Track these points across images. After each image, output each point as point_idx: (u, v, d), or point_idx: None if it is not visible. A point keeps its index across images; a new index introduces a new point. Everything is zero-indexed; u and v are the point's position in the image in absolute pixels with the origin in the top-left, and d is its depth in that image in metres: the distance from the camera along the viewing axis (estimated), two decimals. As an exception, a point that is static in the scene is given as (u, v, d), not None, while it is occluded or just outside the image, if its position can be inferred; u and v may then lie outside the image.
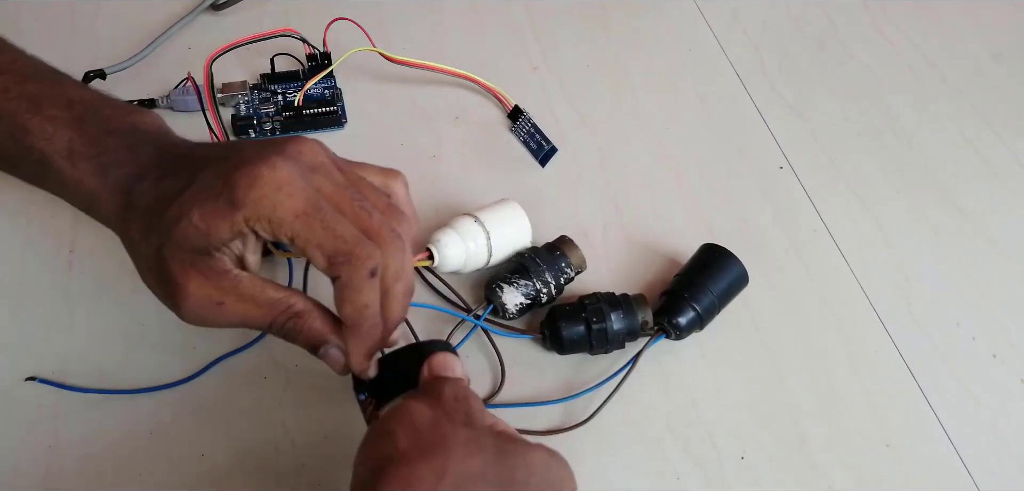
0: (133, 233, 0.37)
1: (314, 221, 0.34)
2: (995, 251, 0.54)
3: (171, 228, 0.35)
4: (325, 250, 0.34)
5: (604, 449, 0.43)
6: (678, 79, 0.62)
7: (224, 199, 0.34)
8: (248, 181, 0.34)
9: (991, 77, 0.65)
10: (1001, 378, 0.48)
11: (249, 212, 0.34)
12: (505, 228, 0.47)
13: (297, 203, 0.34)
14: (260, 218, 0.34)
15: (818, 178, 0.57)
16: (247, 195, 0.34)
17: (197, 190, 0.35)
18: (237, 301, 0.36)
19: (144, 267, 0.37)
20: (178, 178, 0.36)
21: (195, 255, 0.35)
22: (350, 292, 0.35)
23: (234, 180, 0.34)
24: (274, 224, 0.34)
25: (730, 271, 0.47)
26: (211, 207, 0.34)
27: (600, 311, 0.44)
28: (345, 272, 0.34)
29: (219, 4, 0.60)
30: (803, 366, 0.47)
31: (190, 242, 0.35)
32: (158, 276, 0.36)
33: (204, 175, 0.35)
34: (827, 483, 0.43)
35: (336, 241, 0.34)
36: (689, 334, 0.46)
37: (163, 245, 0.35)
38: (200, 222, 0.34)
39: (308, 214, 0.34)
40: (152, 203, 0.36)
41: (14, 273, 0.46)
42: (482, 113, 0.58)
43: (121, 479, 0.40)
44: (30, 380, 0.42)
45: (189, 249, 0.35)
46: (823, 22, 0.68)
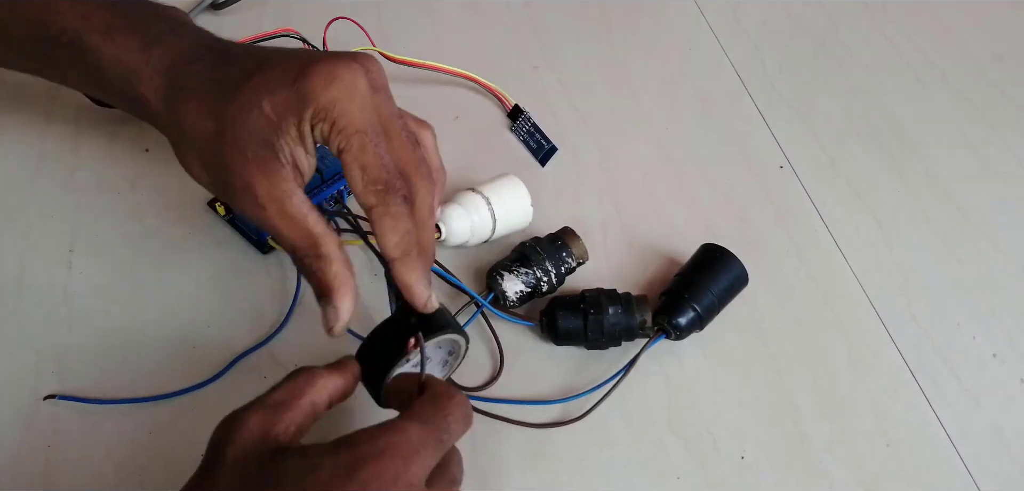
0: (183, 115, 0.36)
1: (368, 142, 0.34)
2: (995, 251, 0.54)
3: (237, 115, 0.34)
4: (368, 174, 0.35)
5: (604, 448, 0.43)
6: (678, 79, 0.62)
7: (297, 91, 0.34)
8: (326, 79, 0.34)
9: (991, 77, 0.65)
10: (1001, 378, 0.48)
11: (318, 109, 0.34)
12: (507, 198, 0.48)
13: (362, 118, 0.34)
14: (326, 119, 0.34)
15: (818, 178, 0.57)
16: (323, 92, 0.34)
17: (268, 78, 0.34)
18: (278, 214, 0.35)
19: (192, 150, 0.36)
20: (239, 66, 0.35)
21: (256, 147, 0.34)
22: (391, 221, 0.35)
23: (310, 73, 0.34)
24: (335, 130, 0.34)
25: (730, 271, 0.47)
26: (283, 97, 0.34)
27: (599, 304, 0.44)
28: (383, 200, 0.35)
29: (219, 4, 0.60)
30: (803, 366, 0.47)
31: (256, 132, 0.34)
32: (211, 161, 0.35)
33: (273, 66, 0.35)
34: (827, 483, 0.43)
35: (379, 169, 0.35)
36: (689, 334, 0.46)
37: (224, 131, 0.34)
38: (271, 112, 0.34)
39: (365, 133, 0.34)
40: (210, 85, 0.35)
41: (14, 273, 0.46)
42: (482, 112, 0.58)
43: (121, 480, 0.40)
44: (49, 398, 0.41)
45: (252, 139, 0.34)
46: (823, 22, 0.68)
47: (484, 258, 0.49)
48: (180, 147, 0.37)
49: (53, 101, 0.54)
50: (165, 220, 0.49)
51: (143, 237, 0.48)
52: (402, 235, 0.35)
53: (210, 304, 0.46)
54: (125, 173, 0.51)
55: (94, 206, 0.49)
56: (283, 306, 0.46)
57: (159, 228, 0.49)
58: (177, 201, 0.50)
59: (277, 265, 0.48)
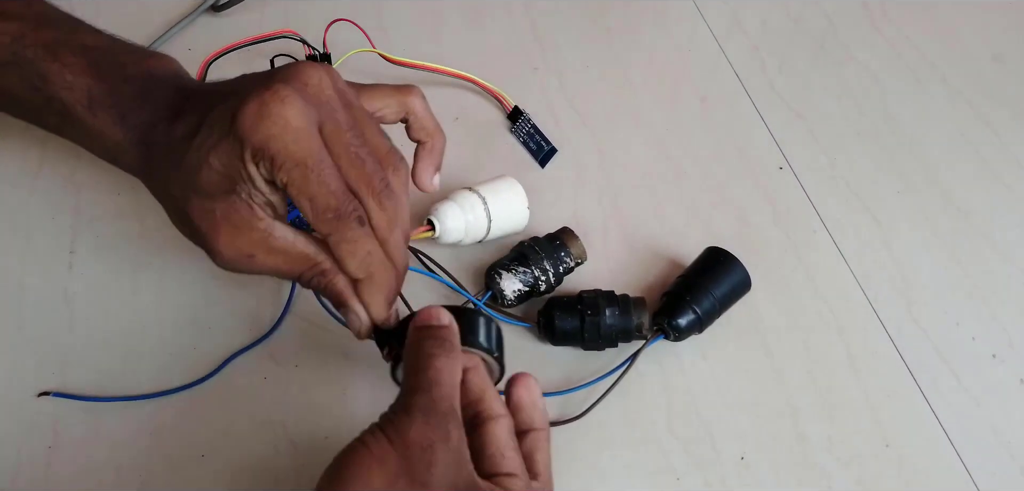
0: (156, 182, 0.37)
1: (310, 173, 0.33)
2: (995, 251, 0.54)
3: (192, 176, 0.34)
4: (316, 204, 0.34)
5: (604, 449, 0.43)
6: (678, 79, 0.62)
7: (233, 136, 0.33)
8: (255, 117, 0.33)
9: (991, 77, 0.65)
10: (1001, 378, 0.48)
11: (254, 150, 0.33)
12: (502, 198, 0.48)
13: (299, 149, 0.33)
14: (264, 158, 0.33)
15: (817, 178, 0.57)
16: (253, 132, 0.33)
17: (210, 130, 0.34)
18: (267, 254, 0.35)
19: (173, 214, 0.37)
20: (189, 118, 0.36)
21: (222, 199, 0.34)
22: (347, 245, 0.35)
23: (241, 114, 0.33)
24: (275, 167, 0.33)
25: (732, 275, 0.46)
26: (225, 147, 0.34)
27: (596, 305, 0.44)
28: (336, 229, 0.34)
29: (219, 5, 0.60)
30: (803, 366, 0.47)
31: (213, 187, 0.34)
32: (188, 226, 0.36)
33: (214, 113, 0.35)
34: (827, 483, 0.43)
35: (326, 197, 0.34)
36: (688, 336, 0.46)
37: (188, 194, 0.35)
38: (219, 166, 0.34)
39: (305, 165, 0.33)
40: (168, 149, 0.36)
41: (14, 274, 0.46)
42: (482, 114, 0.58)
43: (121, 480, 0.40)
44: (44, 395, 0.42)
45: (213, 197, 0.34)
46: (822, 22, 0.68)
47: (483, 258, 0.49)
48: (166, 210, 0.38)
49: (53, 102, 0.54)
50: (165, 220, 0.49)
51: (143, 237, 0.48)
52: (362, 258, 0.35)
53: (210, 304, 0.46)
54: (125, 174, 0.51)
55: (94, 206, 0.49)
56: (278, 303, 0.46)
57: (159, 228, 0.49)
58: (177, 202, 0.50)
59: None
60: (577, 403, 0.44)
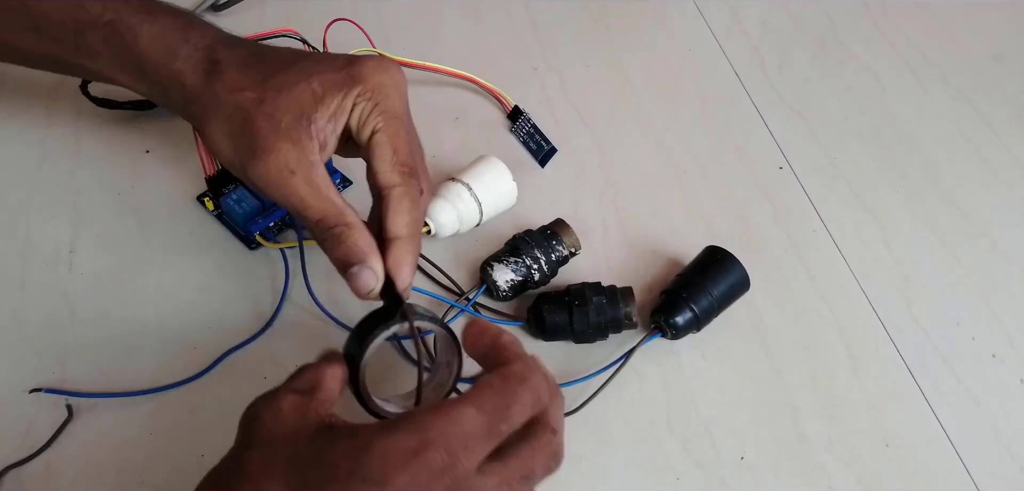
0: (221, 86, 0.38)
1: (401, 128, 0.38)
2: (995, 251, 0.54)
3: (282, 87, 0.37)
4: (398, 156, 0.38)
5: (604, 448, 0.43)
6: (678, 79, 0.62)
7: (346, 73, 0.37)
8: (376, 66, 0.38)
9: (991, 77, 0.65)
10: (1001, 378, 0.48)
11: (366, 89, 0.37)
12: (487, 180, 0.49)
13: (400, 107, 0.38)
14: (371, 99, 0.37)
15: (818, 178, 0.57)
16: (373, 75, 0.37)
17: (317, 62, 0.38)
18: (305, 182, 0.37)
19: (221, 119, 0.37)
20: (280, 54, 0.39)
21: (290, 118, 0.36)
22: (409, 203, 0.37)
23: (362, 60, 0.38)
24: (377, 110, 0.37)
25: (731, 275, 0.46)
26: (332, 77, 0.37)
27: (582, 295, 0.45)
28: (406, 182, 0.37)
29: (219, 4, 0.60)
30: (802, 366, 0.47)
31: (296, 104, 0.36)
32: (241, 127, 0.37)
33: (319, 56, 0.39)
34: (827, 483, 0.43)
35: (410, 155, 0.38)
36: (686, 334, 0.46)
37: (264, 99, 0.37)
38: (318, 86, 0.37)
39: (400, 120, 0.38)
40: (253, 63, 0.38)
41: (14, 273, 0.46)
42: (482, 114, 0.58)
43: (122, 481, 0.40)
44: (35, 391, 0.42)
45: (289, 111, 0.36)
46: (823, 22, 0.68)
47: (478, 253, 0.49)
48: (209, 117, 0.38)
49: (54, 101, 0.54)
50: (165, 220, 0.49)
51: (143, 237, 0.48)
52: (413, 218, 0.38)
53: (210, 303, 0.46)
54: (125, 173, 0.51)
55: (94, 206, 0.49)
56: (272, 300, 0.46)
57: (159, 228, 0.49)
58: (177, 201, 0.50)
59: (267, 261, 0.48)
60: (573, 397, 0.44)
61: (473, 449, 0.30)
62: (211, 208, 0.49)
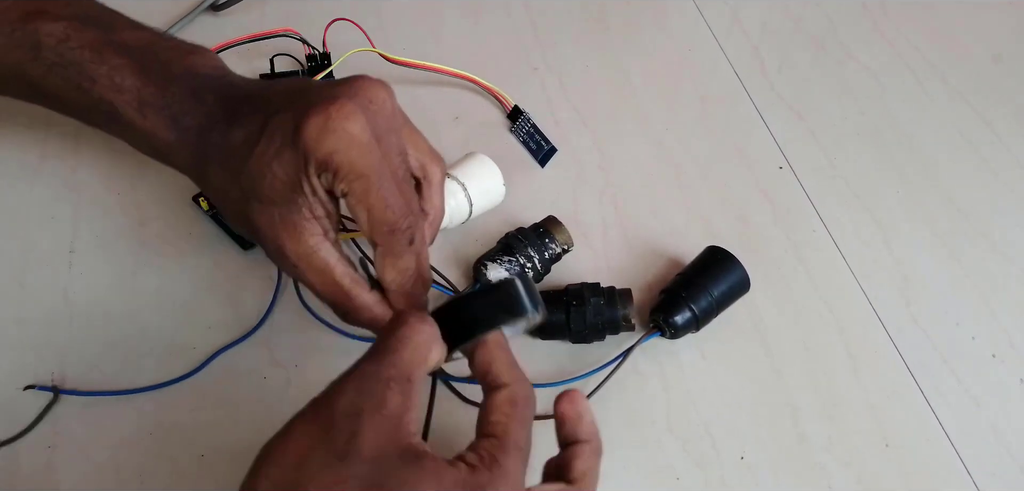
0: (214, 182, 0.38)
1: (371, 187, 0.35)
2: (995, 251, 0.54)
3: (254, 182, 0.36)
4: (373, 216, 0.35)
5: (604, 448, 0.43)
6: (678, 79, 0.62)
7: (296, 148, 0.35)
8: (320, 129, 0.34)
9: (991, 77, 0.65)
10: (1001, 378, 0.48)
11: (318, 162, 0.34)
12: (477, 175, 0.49)
13: (363, 163, 0.34)
14: (328, 169, 0.35)
15: (817, 178, 0.57)
16: (318, 145, 0.34)
17: (271, 140, 0.35)
18: (309, 270, 0.37)
19: (231, 213, 0.38)
20: (248, 123, 0.36)
21: (281, 208, 0.36)
22: (392, 258, 0.36)
23: (305, 126, 0.34)
24: (338, 179, 0.35)
25: (731, 275, 0.46)
26: (287, 157, 0.35)
27: (581, 295, 0.45)
28: (387, 241, 0.36)
29: (219, 5, 0.60)
30: (802, 366, 0.47)
31: (275, 193, 0.35)
32: (244, 222, 0.37)
33: (275, 121, 0.35)
34: (827, 483, 0.43)
35: (385, 211, 0.35)
36: (685, 334, 0.46)
37: (249, 199, 0.36)
38: (282, 174, 0.35)
39: (368, 178, 0.35)
40: (226, 153, 0.37)
41: (14, 273, 0.46)
42: (482, 113, 0.58)
43: (121, 480, 0.40)
44: (29, 388, 0.42)
45: (276, 200, 0.36)
46: (822, 22, 0.68)
47: (471, 251, 0.49)
48: (220, 207, 0.39)
49: (53, 102, 0.54)
50: (165, 220, 0.49)
51: (143, 237, 0.48)
52: (400, 271, 0.37)
53: (209, 302, 0.46)
54: (125, 173, 0.51)
55: (94, 206, 0.49)
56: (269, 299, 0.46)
57: (159, 228, 0.49)
58: (176, 201, 0.50)
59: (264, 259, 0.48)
60: None
61: None
62: (206, 208, 0.49)
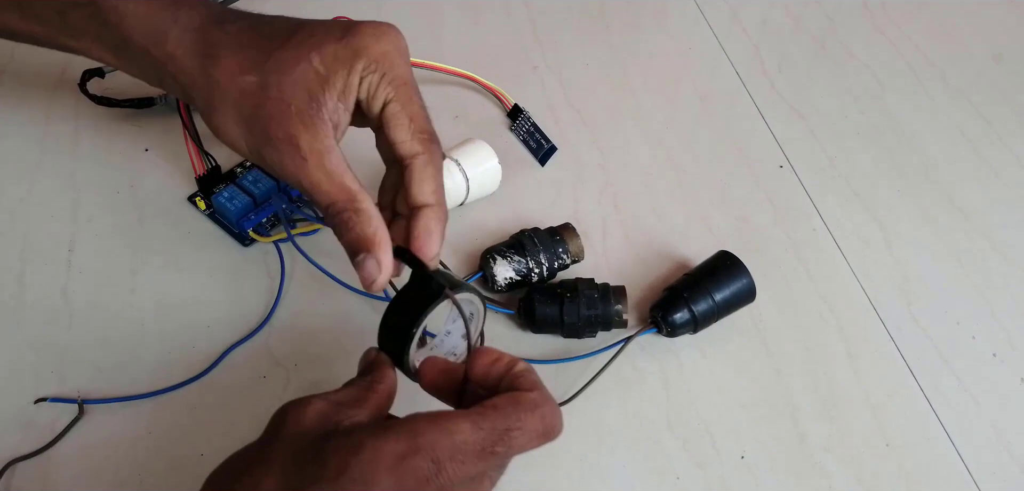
0: (219, 72, 0.35)
1: (414, 94, 0.36)
2: (995, 251, 0.54)
3: (283, 68, 0.35)
4: (417, 123, 0.36)
5: (603, 448, 0.43)
6: (678, 78, 0.62)
7: (346, 45, 0.35)
8: (375, 34, 0.35)
9: (991, 77, 0.65)
10: (1001, 377, 0.48)
11: (370, 60, 0.35)
12: (475, 159, 0.49)
13: (408, 72, 0.36)
14: (377, 71, 0.35)
15: (818, 177, 0.57)
16: (374, 44, 0.35)
17: (313, 34, 0.35)
18: (318, 167, 0.35)
19: (227, 106, 0.36)
20: (276, 26, 0.36)
21: (301, 100, 0.35)
22: (433, 170, 0.36)
23: (359, 30, 0.35)
24: (386, 81, 0.35)
25: (736, 282, 0.46)
26: (331, 50, 0.35)
27: (575, 290, 0.45)
28: (429, 149, 0.36)
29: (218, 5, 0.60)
30: (803, 365, 0.47)
31: (302, 85, 0.34)
32: (251, 114, 0.35)
33: (314, 26, 0.36)
34: (827, 482, 0.43)
35: (424, 119, 0.36)
36: (682, 333, 0.46)
37: (268, 83, 0.35)
38: (320, 66, 0.35)
39: (411, 85, 0.36)
40: (249, 43, 0.36)
41: (14, 274, 0.46)
42: (481, 112, 0.58)
43: (120, 479, 0.40)
44: (41, 401, 0.41)
45: (297, 92, 0.35)
46: (823, 22, 0.68)
47: (468, 243, 0.49)
48: (213, 104, 0.36)
49: (53, 100, 0.54)
50: (164, 218, 0.49)
51: (142, 237, 0.48)
52: (439, 184, 0.37)
53: (209, 301, 0.46)
54: (124, 172, 0.51)
55: (93, 205, 0.49)
56: (270, 296, 0.46)
57: (158, 227, 0.49)
58: (176, 199, 0.50)
59: (262, 256, 0.48)
60: (569, 385, 0.44)
61: (461, 462, 0.30)
62: (203, 208, 0.49)
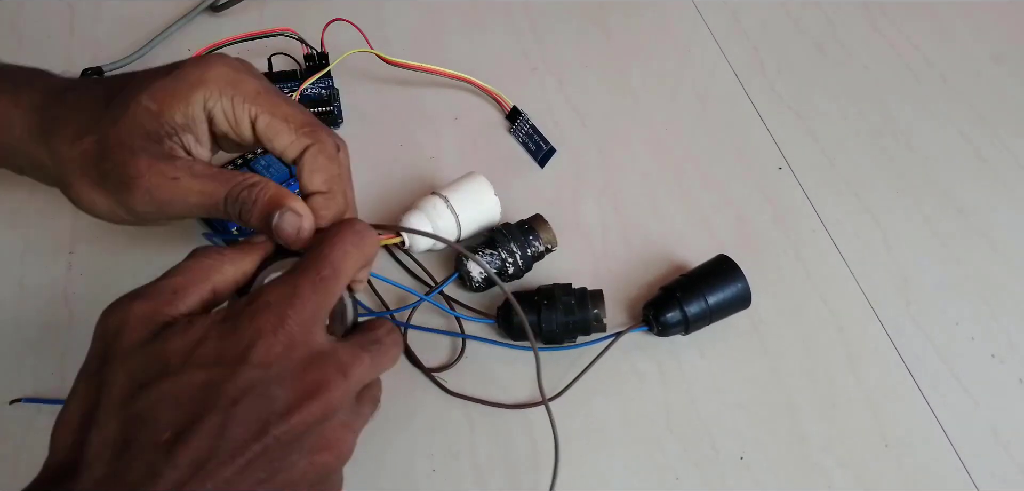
0: (60, 142, 0.35)
1: (279, 98, 0.35)
2: (994, 251, 0.54)
3: (116, 119, 0.34)
4: (294, 121, 0.35)
5: (603, 449, 0.43)
6: (677, 80, 0.62)
7: (176, 78, 0.34)
8: (203, 64, 0.35)
9: (991, 77, 0.65)
10: (1000, 378, 0.48)
11: (209, 90, 0.34)
12: (471, 203, 0.48)
13: (260, 83, 0.35)
14: (223, 95, 0.34)
15: (817, 178, 0.57)
16: (206, 73, 0.34)
17: (140, 81, 0.35)
18: (191, 177, 0.34)
19: (77, 173, 0.35)
20: (107, 86, 0.36)
21: (143, 140, 0.34)
22: (322, 160, 0.35)
23: (186, 64, 0.35)
24: (239, 99, 0.34)
25: (731, 287, 0.46)
26: (161, 86, 0.34)
27: (552, 296, 0.45)
28: (317, 137, 0.35)
29: (218, 5, 0.60)
30: (802, 366, 0.47)
31: (140, 126, 0.34)
32: (99, 169, 0.34)
33: (143, 74, 0.35)
34: (826, 483, 0.43)
35: (300, 113, 0.35)
36: (673, 333, 0.46)
37: (106, 138, 0.34)
38: (151, 103, 0.34)
39: (272, 92, 0.35)
40: (84, 107, 0.35)
41: (14, 274, 0.46)
42: (480, 114, 0.58)
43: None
44: (15, 402, 0.41)
45: (138, 135, 0.34)
46: (822, 23, 0.67)
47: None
48: (64, 179, 0.36)
49: (53, 102, 0.54)
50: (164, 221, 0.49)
51: (143, 237, 0.48)
52: (331, 174, 0.35)
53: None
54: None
55: (93, 207, 0.49)
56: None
57: (159, 229, 0.49)
58: (176, 202, 0.50)
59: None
60: (560, 377, 0.45)
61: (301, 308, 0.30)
62: None
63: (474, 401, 0.44)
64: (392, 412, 0.41)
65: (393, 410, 0.41)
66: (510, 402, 0.44)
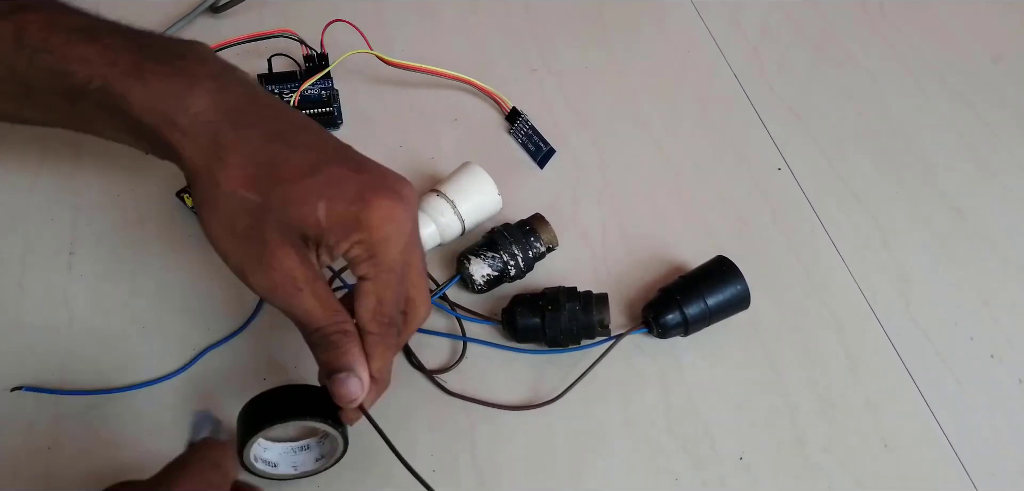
0: (225, 179, 0.34)
1: (393, 281, 0.36)
2: (993, 252, 0.54)
3: (288, 202, 0.34)
4: (384, 308, 0.36)
5: (602, 449, 0.43)
6: (677, 81, 0.62)
7: (355, 216, 0.34)
8: (385, 215, 0.35)
9: (990, 77, 0.65)
10: (999, 378, 0.48)
11: (368, 240, 0.34)
12: (470, 193, 0.48)
13: (398, 260, 0.35)
14: (368, 248, 0.35)
15: (816, 179, 0.57)
16: (379, 227, 0.34)
17: (328, 184, 0.34)
18: (311, 295, 0.35)
19: (226, 219, 0.34)
20: (298, 149, 0.35)
21: (294, 235, 0.34)
22: (382, 349, 0.37)
23: (373, 204, 0.34)
24: (371, 262, 0.35)
25: (730, 288, 0.46)
26: (340, 212, 0.34)
27: (556, 300, 0.45)
28: (385, 334, 0.36)
29: (218, 6, 0.60)
30: (801, 367, 0.47)
31: (301, 225, 0.34)
32: (246, 235, 0.34)
33: (333, 171, 0.35)
34: (825, 483, 0.43)
35: (392, 306, 0.36)
36: (673, 335, 0.46)
37: (270, 207, 0.34)
38: (323, 219, 0.34)
39: (394, 272, 0.36)
40: (262, 158, 0.34)
41: (14, 274, 0.46)
42: (480, 115, 0.58)
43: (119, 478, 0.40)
44: (16, 389, 0.42)
45: (293, 229, 0.34)
46: (821, 24, 0.68)
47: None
48: (209, 208, 0.35)
49: (53, 103, 0.54)
50: (165, 220, 0.49)
51: (143, 238, 0.49)
52: (384, 364, 0.37)
53: (211, 301, 0.46)
54: (125, 173, 0.51)
55: (94, 206, 0.50)
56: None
57: (158, 228, 0.49)
58: (177, 203, 0.50)
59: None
60: (560, 378, 0.45)
61: None
62: (190, 204, 0.49)
63: (474, 402, 0.44)
64: (392, 412, 0.41)
65: (393, 410, 0.41)
66: (511, 404, 0.44)
